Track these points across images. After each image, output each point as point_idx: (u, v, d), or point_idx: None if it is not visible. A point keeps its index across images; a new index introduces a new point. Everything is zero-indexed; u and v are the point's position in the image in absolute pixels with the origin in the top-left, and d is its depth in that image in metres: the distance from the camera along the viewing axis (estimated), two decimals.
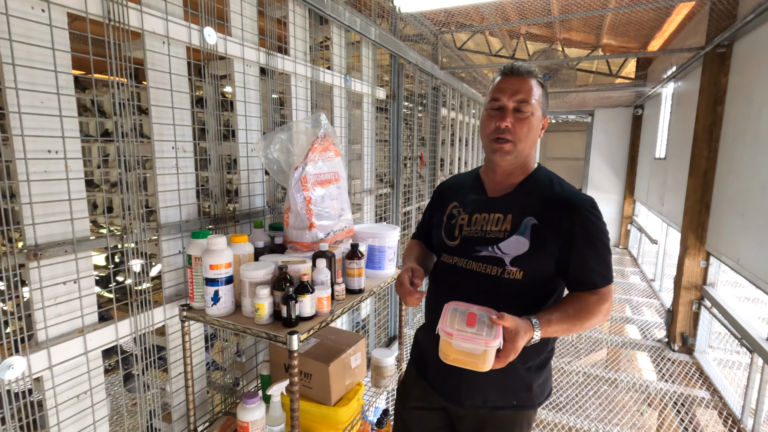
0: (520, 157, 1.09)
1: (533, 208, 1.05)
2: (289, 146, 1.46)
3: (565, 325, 0.97)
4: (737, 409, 2.51)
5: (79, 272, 1.10)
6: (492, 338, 0.86)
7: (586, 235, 1.00)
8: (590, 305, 1.00)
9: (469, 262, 1.09)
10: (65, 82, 1.03)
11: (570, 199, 1.03)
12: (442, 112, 4.16)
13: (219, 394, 1.63)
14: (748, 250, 2.37)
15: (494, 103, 1.07)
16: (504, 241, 1.04)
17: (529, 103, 1.04)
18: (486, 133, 1.09)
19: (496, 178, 1.14)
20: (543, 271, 1.04)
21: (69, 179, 1.05)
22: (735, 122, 2.75)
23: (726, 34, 2.68)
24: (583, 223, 1.00)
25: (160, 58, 1.27)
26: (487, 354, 0.86)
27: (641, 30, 4.70)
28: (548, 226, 1.02)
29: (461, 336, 0.87)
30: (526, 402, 1.10)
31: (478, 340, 0.86)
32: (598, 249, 1.01)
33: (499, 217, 1.07)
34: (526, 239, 1.02)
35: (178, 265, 1.39)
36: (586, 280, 1.02)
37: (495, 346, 0.86)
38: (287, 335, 1.10)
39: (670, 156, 4.42)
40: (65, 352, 1.06)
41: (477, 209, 1.13)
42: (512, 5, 3.82)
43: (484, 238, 1.07)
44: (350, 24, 2.15)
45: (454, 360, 0.89)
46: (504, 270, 1.04)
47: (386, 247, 1.61)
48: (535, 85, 1.06)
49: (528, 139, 1.06)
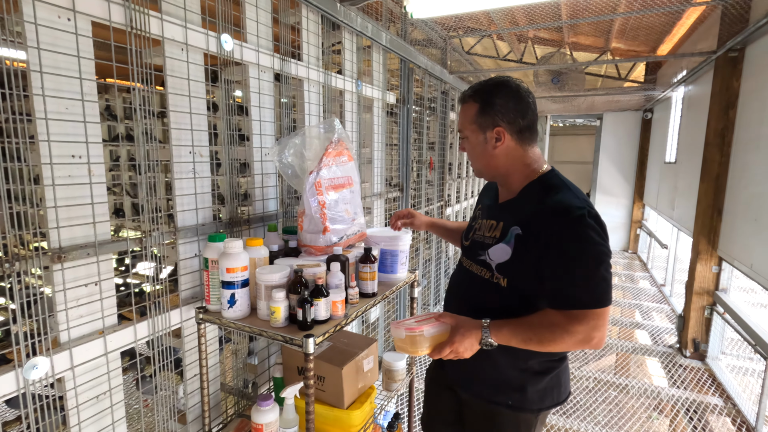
0: (492, 170, 1.14)
1: (522, 217, 1.04)
2: (303, 151, 1.48)
3: (522, 335, 0.96)
4: (751, 416, 2.48)
5: (101, 274, 1.12)
6: (416, 327, 1.02)
7: (560, 250, 0.94)
8: (555, 323, 0.94)
9: (472, 264, 1.18)
10: (89, 89, 1.06)
11: (556, 209, 0.97)
12: (450, 116, 4.17)
13: (232, 396, 1.64)
14: (763, 255, 2.35)
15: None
16: (491, 248, 1.09)
17: (463, 131, 1.14)
18: None
19: (504, 187, 1.19)
20: (525, 281, 1.02)
21: (92, 183, 1.08)
22: (748, 127, 2.73)
23: (738, 38, 2.67)
24: (561, 234, 0.94)
25: (178, 64, 1.29)
26: (413, 340, 1.02)
27: (651, 34, 4.68)
28: (530, 237, 1.00)
29: (395, 326, 1.07)
30: (522, 405, 1.10)
31: (400, 327, 1.04)
32: (573, 267, 0.93)
33: (492, 223, 1.13)
34: (509, 248, 1.03)
35: (195, 268, 1.41)
36: (555, 297, 0.96)
37: (416, 332, 1.02)
38: (303, 338, 1.11)
39: (681, 160, 4.39)
40: (87, 353, 1.08)
41: (485, 214, 1.21)
42: (521, 10, 3.82)
43: (482, 243, 1.14)
44: (362, 29, 2.17)
45: (399, 348, 1.08)
46: (492, 275, 1.08)
47: (399, 251, 1.61)
48: (469, 107, 1.10)
49: (479, 158, 1.12)
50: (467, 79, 5.04)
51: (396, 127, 3.02)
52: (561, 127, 12.01)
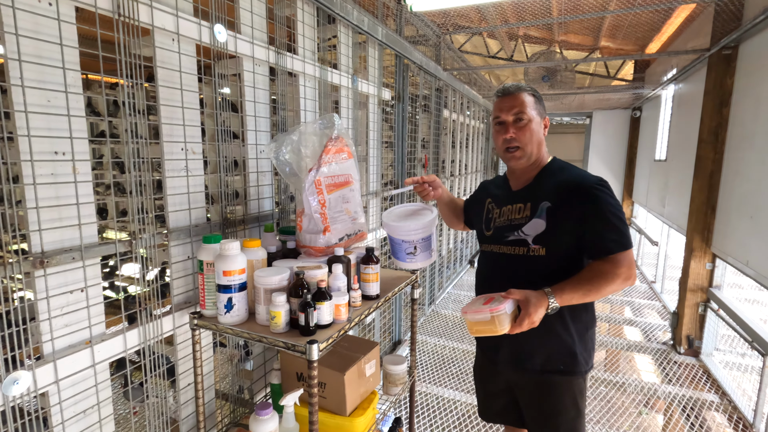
0: (532, 158, 1.27)
1: (547, 193, 1.21)
2: (301, 148, 1.41)
3: (580, 291, 1.11)
4: (748, 412, 2.49)
5: (87, 280, 1.04)
6: (496, 306, 1.05)
7: (595, 209, 1.14)
8: (605, 271, 1.11)
9: (501, 247, 1.29)
10: (73, 80, 0.98)
11: (578, 181, 1.19)
12: (444, 114, 4.13)
13: (228, 404, 1.57)
14: (759, 252, 2.35)
15: (497, 120, 1.28)
16: (525, 225, 1.23)
17: (525, 112, 1.23)
18: (498, 146, 1.30)
19: (516, 176, 1.34)
20: (562, 246, 1.19)
21: (77, 182, 1.00)
22: (742, 124, 2.74)
23: (733, 36, 2.67)
24: (592, 198, 1.14)
25: (169, 55, 1.22)
26: (497, 319, 1.05)
27: (639, 32, 4.70)
28: (561, 207, 1.17)
29: (472, 310, 1.08)
30: (573, 368, 1.24)
31: (483, 311, 1.06)
32: (608, 218, 1.13)
33: (520, 206, 1.26)
34: (543, 220, 1.20)
35: (188, 271, 1.34)
36: (599, 247, 1.14)
37: (501, 311, 1.05)
38: (306, 344, 1.05)
39: (672, 158, 4.42)
40: (72, 365, 1.01)
41: (504, 202, 1.33)
42: (512, 7, 3.80)
43: (510, 225, 1.27)
44: (358, 23, 2.11)
45: (476, 331, 1.09)
46: (528, 249, 1.22)
47: (432, 234, 1.51)
48: (526, 96, 1.25)
49: (532, 141, 1.25)
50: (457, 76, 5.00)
51: (392, 124, 2.97)
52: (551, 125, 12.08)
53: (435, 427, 2.42)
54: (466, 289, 4.91)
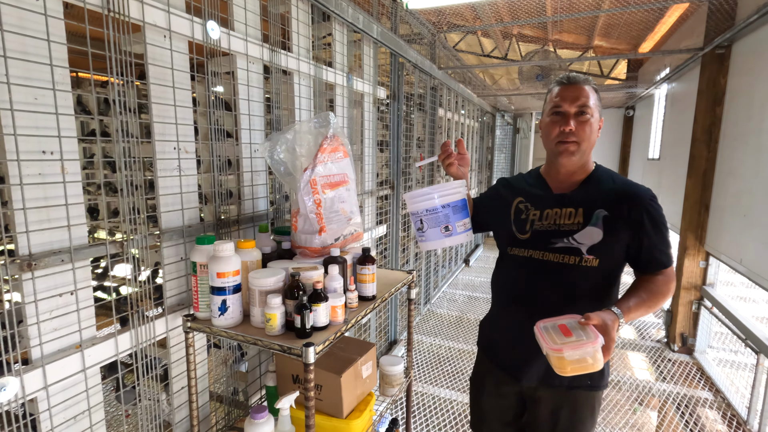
0: (584, 157, 1.18)
1: (601, 201, 1.14)
2: (296, 147, 1.39)
3: (643, 308, 1.07)
4: (741, 409, 2.51)
5: (77, 282, 1.01)
6: (594, 338, 0.93)
7: (652, 222, 1.11)
8: (660, 286, 1.10)
9: (545, 254, 1.18)
10: (61, 77, 0.95)
11: (633, 191, 1.13)
12: (439, 113, 4.12)
13: (223, 407, 1.55)
14: (753, 250, 2.37)
15: (556, 110, 1.16)
16: (579, 233, 1.14)
17: (589, 107, 1.14)
18: (551, 138, 1.18)
19: (560, 177, 1.22)
20: (615, 258, 1.14)
21: (66, 182, 0.97)
22: (735, 123, 2.76)
23: (727, 35, 2.68)
24: (648, 211, 1.11)
25: (161, 52, 1.19)
26: (597, 353, 0.93)
27: (633, 32, 4.72)
28: (618, 217, 1.12)
29: (569, 347, 0.92)
30: (599, 382, 1.20)
31: (586, 345, 0.92)
32: (663, 233, 1.12)
33: (571, 211, 1.17)
34: (599, 229, 1.12)
35: (181, 273, 1.31)
36: (655, 262, 1.12)
37: (600, 343, 0.93)
38: (302, 347, 1.04)
39: (665, 157, 4.45)
40: (62, 370, 0.98)
41: (547, 205, 1.21)
42: (506, 5, 3.79)
43: (558, 230, 1.17)
44: (353, 21, 2.09)
45: (572, 370, 0.94)
46: (581, 258, 1.14)
47: (444, 210, 1.21)
48: (591, 91, 1.16)
49: (590, 139, 1.16)
50: (455, 75, 5.00)
51: (384, 123, 2.95)
52: None
53: (431, 427, 2.41)
54: (461, 288, 4.91)
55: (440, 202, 1.18)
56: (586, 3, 3.53)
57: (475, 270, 5.76)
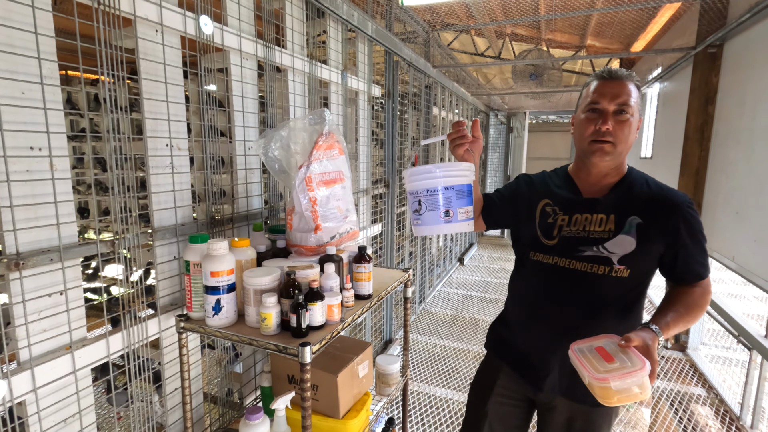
0: (618, 159, 1.09)
1: (635, 207, 1.06)
2: (291, 144, 1.38)
3: (681, 325, 1.00)
4: (734, 405, 2.53)
5: (66, 282, 0.99)
6: (641, 365, 0.84)
7: (689, 231, 1.04)
8: (697, 299, 1.04)
9: (572, 262, 1.10)
10: (49, 71, 0.93)
11: (670, 197, 1.06)
12: (433, 111, 4.11)
13: (217, 408, 1.53)
14: (746, 248, 2.39)
15: (593, 106, 1.07)
16: (610, 241, 1.06)
17: (630, 105, 1.04)
18: (585, 136, 1.09)
19: (591, 179, 1.13)
20: (646, 268, 1.07)
21: (55, 179, 0.95)
22: (727, 121, 2.78)
23: (719, 34, 2.70)
24: (686, 219, 1.04)
25: (153, 47, 1.17)
26: (645, 381, 0.83)
27: (625, 31, 4.75)
28: (652, 225, 1.04)
29: (616, 376, 0.83)
30: None
31: (634, 373, 0.83)
32: (701, 242, 1.05)
33: (602, 217, 1.09)
34: (633, 238, 1.04)
35: (174, 272, 1.29)
36: (692, 272, 1.06)
37: (648, 370, 0.84)
38: (299, 347, 1.02)
39: (657, 155, 4.48)
40: (51, 372, 0.95)
41: (577, 210, 1.13)
42: (500, 4, 3.80)
43: (588, 238, 1.09)
44: (348, 17, 2.07)
45: (618, 400, 0.85)
46: (612, 269, 1.06)
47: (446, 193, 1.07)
48: (633, 88, 1.06)
49: (628, 140, 1.06)
50: (448, 73, 4.99)
51: (377, 122, 2.94)
52: (536, 123, 12.19)
53: (427, 426, 2.41)
54: (455, 287, 4.91)
55: (444, 183, 1.04)
56: (580, 2, 3.55)
57: (469, 269, 5.76)
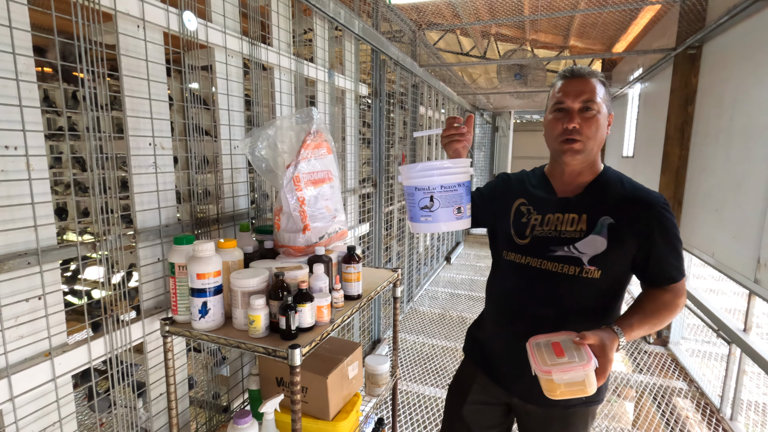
0: (590, 156, 1.08)
1: (607, 207, 1.05)
2: (278, 143, 1.35)
3: (646, 326, 0.98)
4: (714, 398, 2.60)
5: (45, 286, 0.95)
6: (586, 361, 0.85)
7: (663, 232, 1.01)
8: (667, 303, 1.01)
9: (543, 262, 1.08)
10: (25, 67, 0.89)
11: (644, 197, 1.04)
12: (420, 111, 4.12)
13: (204, 412, 1.50)
14: (724, 244, 2.45)
15: (559, 106, 1.06)
16: (581, 241, 1.05)
17: (595, 102, 1.03)
18: (554, 136, 1.08)
19: (565, 178, 1.12)
20: (619, 269, 1.05)
21: (32, 179, 0.91)
22: (706, 121, 2.85)
23: (698, 36, 2.77)
24: (659, 220, 1.01)
25: (134, 43, 1.13)
26: (589, 377, 0.85)
27: (607, 32, 4.84)
28: (625, 225, 1.02)
29: (559, 369, 0.85)
30: (595, 397, 1.10)
31: (576, 368, 0.84)
32: (675, 244, 1.02)
33: (574, 217, 1.07)
34: (604, 238, 1.03)
35: (158, 275, 1.26)
36: (664, 275, 1.03)
37: (592, 366, 0.85)
38: (288, 349, 1.00)
39: (639, 154, 4.57)
40: (30, 380, 0.92)
41: (550, 209, 1.11)
42: (485, 4, 3.83)
43: (559, 238, 1.07)
44: (334, 15, 2.05)
45: (561, 394, 0.86)
46: (582, 269, 1.04)
47: (461, 188, 1.07)
48: (598, 84, 1.06)
49: (596, 137, 1.05)
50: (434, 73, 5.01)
51: (364, 121, 2.92)
52: (521, 123, 12.34)
53: (416, 425, 2.41)
54: (443, 286, 4.93)
55: (459, 179, 1.04)
56: (563, 3, 3.59)
57: (456, 267, 5.79)
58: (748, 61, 2.30)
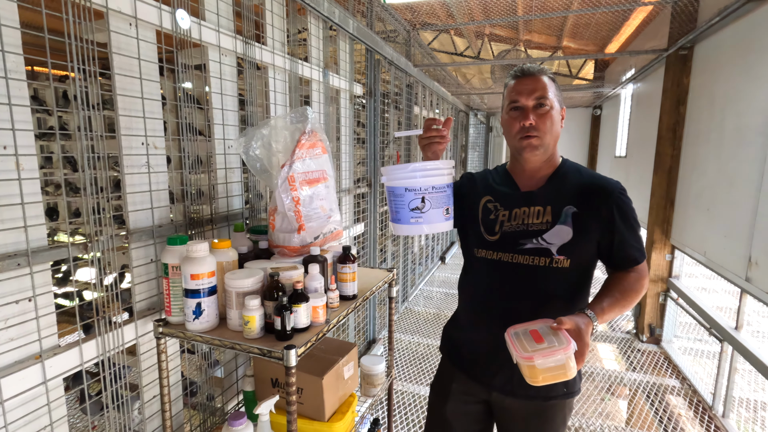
0: (548, 151, 1.12)
1: (569, 197, 1.09)
2: (272, 143, 1.34)
3: (616, 309, 1.02)
4: (707, 395, 2.62)
5: (35, 288, 0.94)
6: (566, 344, 0.88)
7: (623, 216, 1.06)
8: (632, 284, 1.05)
9: (514, 256, 1.11)
10: (14, 65, 0.88)
11: (602, 185, 1.08)
12: (414, 110, 4.12)
13: (198, 414, 1.48)
14: (716, 243, 2.48)
15: (514, 105, 1.10)
16: (548, 232, 1.08)
17: (547, 98, 1.08)
18: (512, 134, 1.12)
19: (526, 174, 1.16)
20: (586, 256, 1.09)
21: (21, 179, 0.90)
22: (698, 121, 2.88)
23: (689, 37, 2.79)
24: (618, 205, 1.06)
25: (126, 41, 1.12)
26: (570, 360, 0.87)
27: (600, 33, 4.87)
28: (587, 212, 1.07)
29: (541, 354, 0.87)
30: (573, 388, 1.14)
31: (558, 351, 0.86)
32: (634, 228, 1.07)
33: (539, 209, 1.11)
34: (569, 227, 1.07)
35: (151, 275, 1.24)
36: (628, 258, 1.07)
37: (572, 349, 0.88)
38: (283, 350, 0.99)
39: (632, 154, 4.60)
40: (20, 383, 0.90)
41: (516, 204, 1.14)
42: (479, 4, 3.84)
43: (527, 231, 1.10)
44: (329, 14, 2.04)
45: (544, 379, 0.88)
46: (552, 259, 1.08)
47: (449, 190, 1.09)
48: (548, 81, 1.10)
49: (552, 131, 1.09)
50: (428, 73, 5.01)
51: (359, 120, 2.92)
52: None
53: (412, 425, 2.41)
54: (437, 285, 4.94)
55: (447, 180, 1.06)
56: (557, 3, 3.61)
57: (450, 267, 5.80)
58: (739, 62, 2.32)
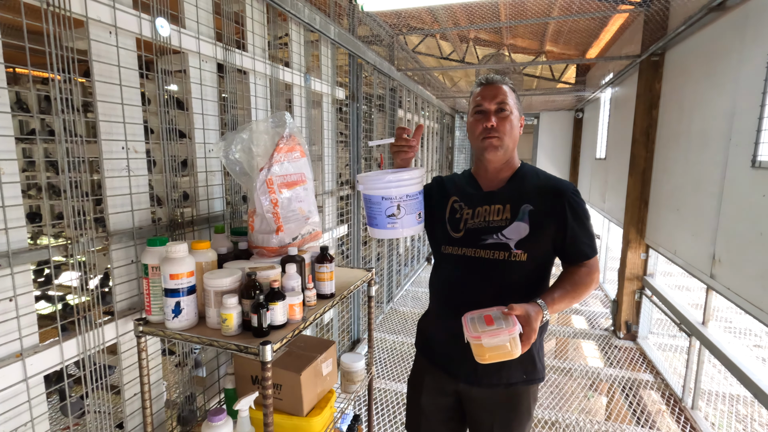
0: (508, 152, 1.22)
1: (527, 196, 1.18)
2: (252, 146, 1.39)
3: (566, 300, 1.11)
4: (678, 388, 2.72)
5: (16, 288, 0.97)
6: (512, 326, 0.97)
7: (574, 214, 1.16)
8: (583, 278, 1.15)
9: (477, 251, 1.20)
10: None
11: (557, 185, 1.19)
12: (398, 114, 4.18)
13: (178, 412, 1.51)
14: (684, 242, 2.58)
15: (478, 108, 1.21)
16: (507, 228, 1.17)
17: (507, 104, 1.19)
18: (475, 135, 1.22)
19: (488, 175, 1.26)
20: (542, 250, 1.18)
21: (2, 183, 0.93)
22: (669, 125, 2.99)
23: (660, 44, 2.90)
24: (571, 204, 1.16)
25: (106, 49, 1.15)
26: (514, 341, 0.96)
27: (580, 38, 5.00)
28: (542, 210, 1.16)
29: (487, 335, 0.96)
30: (534, 375, 1.22)
31: (502, 332, 0.96)
32: (585, 225, 1.17)
33: (499, 207, 1.20)
34: (526, 224, 1.16)
35: (131, 276, 1.27)
36: (578, 252, 1.17)
37: (517, 331, 0.97)
38: (259, 346, 1.04)
39: (610, 156, 4.73)
40: (1, 381, 0.93)
41: (478, 203, 1.24)
42: (462, 10, 3.92)
43: (488, 227, 1.20)
44: (309, 21, 2.09)
45: (490, 357, 0.98)
46: (510, 253, 1.16)
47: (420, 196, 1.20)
48: (509, 90, 1.22)
49: (511, 134, 1.20)
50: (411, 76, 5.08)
51: (345, 124, 2.97)
52: None
53: (393, 422, 2.46)
54: (423, 286, 5.00)
55: (418, 188, 1.18)
56: (536, 10, 3.71)
57: None
58: (704, 69, 2.43)
